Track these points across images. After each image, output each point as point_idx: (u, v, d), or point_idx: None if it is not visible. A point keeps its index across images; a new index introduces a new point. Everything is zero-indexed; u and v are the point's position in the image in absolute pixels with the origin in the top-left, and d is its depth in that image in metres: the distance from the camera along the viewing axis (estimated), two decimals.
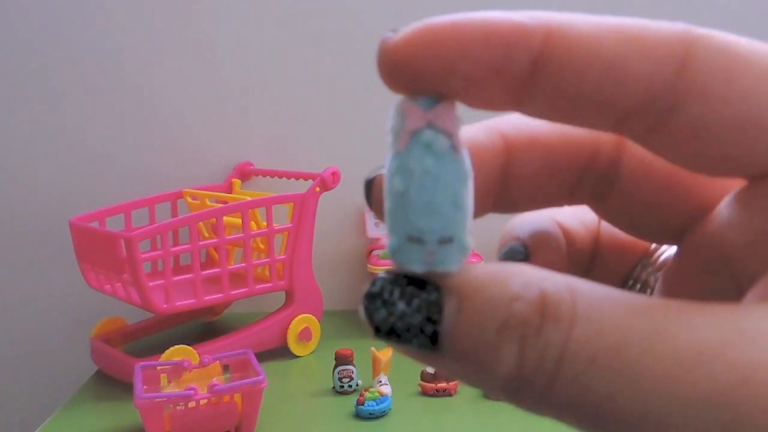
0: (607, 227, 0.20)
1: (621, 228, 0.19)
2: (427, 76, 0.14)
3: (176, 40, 1.08)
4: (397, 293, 0.14)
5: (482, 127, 0.18)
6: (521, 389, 0.13)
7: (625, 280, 0.20)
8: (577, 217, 0.20)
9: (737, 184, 0.16)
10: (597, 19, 0.14)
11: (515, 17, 0.14)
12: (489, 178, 0.18)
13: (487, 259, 0.87)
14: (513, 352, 0.13)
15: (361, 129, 1.10)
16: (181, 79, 1.09)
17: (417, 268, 0.14)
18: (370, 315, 0.14)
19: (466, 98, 0.15)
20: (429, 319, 0.14)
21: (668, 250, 0.20)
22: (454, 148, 0.14)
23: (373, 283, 0.14)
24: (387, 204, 0.15)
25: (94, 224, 0.91)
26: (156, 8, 1.07)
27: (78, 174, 1.09)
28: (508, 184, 0.18)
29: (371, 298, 0.14)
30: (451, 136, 0.14)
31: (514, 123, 0.18)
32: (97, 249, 0.84)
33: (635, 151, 0.18)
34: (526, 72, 0.14)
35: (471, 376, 0.14)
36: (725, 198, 0.17)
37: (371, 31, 1.08)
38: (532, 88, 0.14)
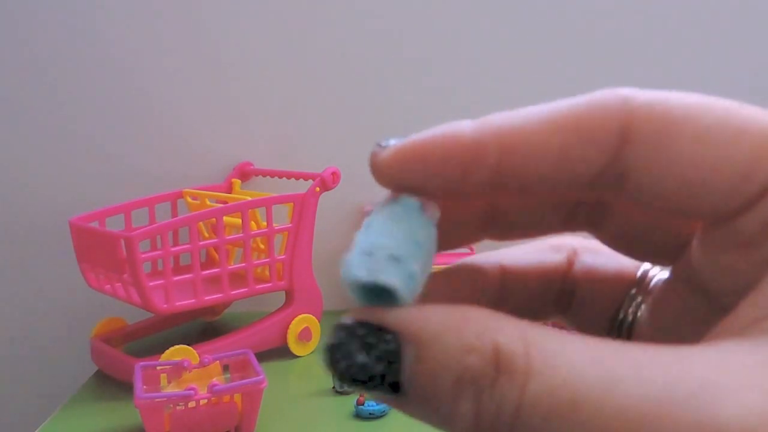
0: (586, 264, 0.21)
1: (620, 251, 0.20)
2: (407, 186, 0.17)
3: (176, 41, 1.08)
4: (356, 344, 0.14)
5: None
6: None
7: (612, 316, 0.21)
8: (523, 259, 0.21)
9: None
10: (542, 113, 0.16)
11: (470, 135, 0.16)
12: (475, 207, 0.19)
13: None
14: (469, 406, 0.13)
15: (361, 129, 1.10)
16: (181, 79, 1.09)
17: (361, 274, 0.15)
18: (333, 365, 0.15)
19: (445, 199, 0.17)
20: (389, 368, 0.14)
21: (655, 277, 0.20)
22: (425, 210, 0.16)
23: (333, 335, 0.15)
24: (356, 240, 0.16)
25: (94, 224, 0.91)
26: (156, 8, 1.07)
27: (78, 174, 1.09)
28: (497, 214, 0.20)
29: (332, 349, 0.15)
30: (424, 204, 0.16)
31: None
32: (97, 249, 0.84)
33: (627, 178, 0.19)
34: (486, 180, 0.16)
35: (433, 423, 0.14)
36: (697, 232, 0.18)
37: (371, 32, 1.08)
38: (495, 189, 0.16)
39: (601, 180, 0.16)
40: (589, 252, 0.21)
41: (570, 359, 0.13)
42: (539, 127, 0.16)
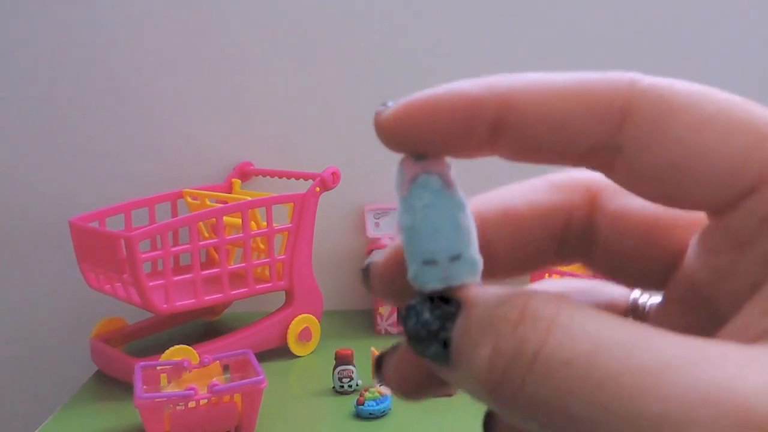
0: (582, 289, 0.21)
1: (611, 279, 0.21)
2: (411, 142, 0.18)
3: (176, 41, 1.08)
4: (427, 306, 0.16)
5: None
6: (497, 385, 0.14)
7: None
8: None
9: (702, 224, 0.17)
10: (547, 79, 0.17)
11: (473, 91, 0.17)
12: None
13: None
14: (487, 347, 0.14)
15: (361, 129, 1.10)
16: (182, 79, 1.09)
17: (435, 285, 0.17)
18: (403, 323, 0.16)
19: (447, 155, 0.18)
20: (444, 327, 0.16)
21: (647, 303, 0.20)
22: (447, 184, 0.17)
23: (411, 299, 0.17)
24: (402, 241, 0.17)
25: (94, 224, 0.91)
26: (157, 9, 1.07)
27: (78, 174, 1.09)
28: (487, 255, 0.20)
29: (407, 309, 0.16)
30: (442, 175, 0.17)
31: (485, 201, 0.20)
32: (97, 249, 0.84)
33: (608, 209, 0.20)
34: (487, 135, 0.17)
35: (466, 384, 0.15)
36: (692, 239, 0.18)
37: (371, 31, 1.08)
38: (496, 144, 0.17)
39: (596, 155, 0.17)
40: (575, 291, 0.21)
41: (595, 320, 0.14)
42: (541, 89, 0.16)
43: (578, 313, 0.14)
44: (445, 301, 0.16)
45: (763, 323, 0.14)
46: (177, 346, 0.80)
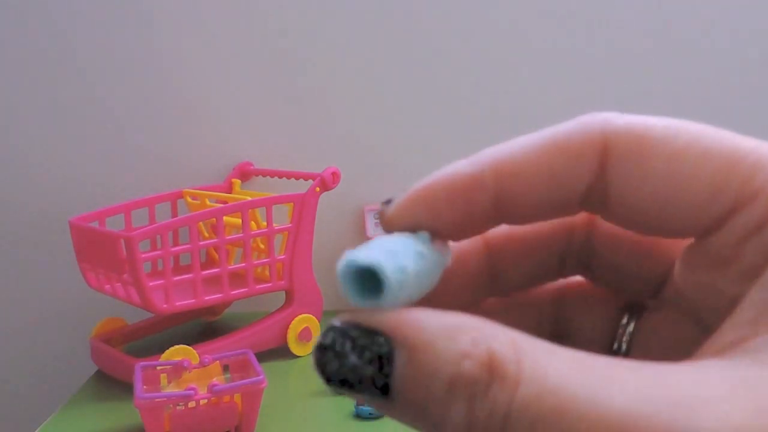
0: (575, 301, 0.22)
1: (609, 286, 0.21)
2: (419, 228, 0.18)
3: (176, 41, 1.08)
4: (348, 345, 0.15)
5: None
6: None
7: (608, 342, 0.21)
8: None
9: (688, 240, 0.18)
10: (527, 142, 0.17)
11: (468, 171, 0.17)
12: (474, 270, 0.21)
13: None
14: (462, 410, 0.14)
15: (361, 129, 1.10)
16: (181, 79, 1.09)
17: (356, 256, 0.15)
18: (321, 366, 0.15)
19: (457, 235, 0.18)
20: (380, 371, 0.14)
21: (646, 302, 0.21)
22: (432, 240, 0.17)
23: (325, 335, 0.15)
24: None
25: (94, 224, 0.91)
26: (155, 9, 1.07)
27: (78, 174, 1.09)
28: (495, 275, 0.21)
29: (322, 350, 0.15)
30: (432, 237, 0.17)
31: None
32: (97, 249, 0.84)
33: (603, 227, 0.21)
34: (490, 207, 0.18)
35: (421, 427, 0.15)
36: (679, 255, 0.19)
37: (371, 31, 1.08)
38: (500, 213, 0.18)
39: (589, 198, 0.18)
40: (576, 287, 0.22)
41: (557, 368, 0.14)
42: (529, 153, 0.17)
43: (539, 360, 0.14)
44: (368, 334, 0.14)
45: (733, 334, 0.15)
46: (177, 346, 0.80)
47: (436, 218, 0.18)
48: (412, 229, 0.18)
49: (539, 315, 0.22)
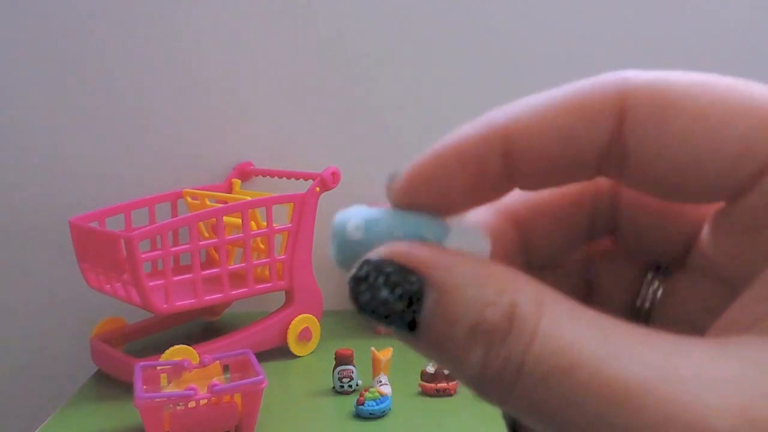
0: (603, 255, 0.21)
1: (636, 253, 0.21)
2: (430, 204, 0.17)
3: (176, 42, 1.08)
4: (381, 279, 0.15)
5: (492, 212, 0.20)
6: (483, 390, 0.15)
7: (631, 300, 0.21)
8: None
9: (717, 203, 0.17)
10: (540, 100, 0.16)
11: (475, 133, 0.17)
12: (511, 247, 0.20)
13: None
14: (479, 355, 0.14)
15: (361, 129, 1.10)
16: (181, 79, 1.09)
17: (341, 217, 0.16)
18: (355, 297, 0.16)
19: (469, 203, 0.18)
20: (409, 308, 0.15)
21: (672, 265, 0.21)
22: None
23: (360, 267, 0.15)
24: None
25: (94, 224, 0.91)
26: (156, 9, 1.07)
27: (78, 174, 1.09)
28: (530, 245, 0.20)
29: (357, 281, 0.15)
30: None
31: (518, 199, 0.20)
32: (97, 249, 0.84)
33: (629, 190, 0.19)
34: (500, 168, 0.17)
35: (442, 363, 0.15)
36: (707, 218, 0.18)
37: (370, 31, 1.08)
38: (511, 176, 0.17)
39: (606, 162, 0.16)
40: (605, 242, 0.21)
41: (575, 328, 0.14)
42: (539, 112, 0.16)
43: (557, 319, 0.14)
44: (401, 271, 0.15)
45: (756, 309, 0.15)
46: (177, 346, 0.80)
47: (447, 185, 0.17)
48: (422, 204, 0.17)
49: (566, 275, 0.21)
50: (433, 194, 0.17)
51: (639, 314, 0.20)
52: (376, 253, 0.16)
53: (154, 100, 1.09)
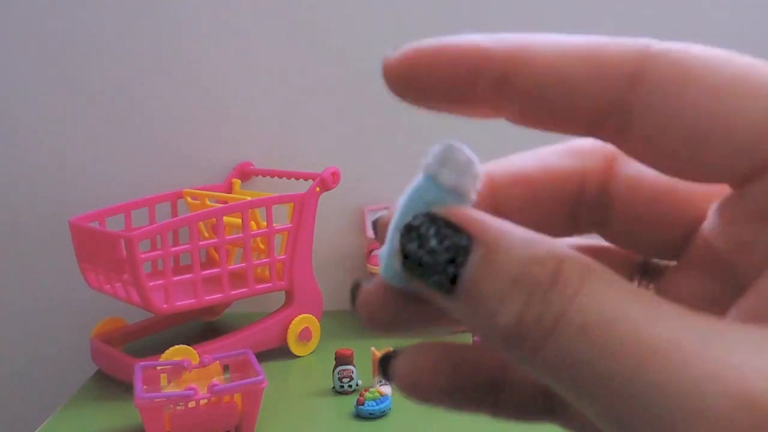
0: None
1: (626, 248, 0.20)
2: (415, 87, 0.17)
3: (175, 41, 1.08)
4: (432, 230, 0.15)
5: None
6: (516, 343, 0.14)
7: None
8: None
9: (722, 192, 0.17)
10: (558, 40, 0.16)
11: (482, 42, 0.16)
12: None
13: None
14: (517, 305, 0.14)
15: (361, 129, 1.10)
16: (181, 79, 1.09)
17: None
18: (403, 244, 0.16)
19: (451, 108, 0.17)
20: (453, 261, 0.15)
21: (661, 263, 0.20)
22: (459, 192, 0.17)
23: (415, 217, 0.16)
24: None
25: (94, 224, 0.91)
26: (157, 10, 1.07)
27: (78, 174, 1.09)
28: (506, 215, 0.19)
29: (409, 229, 0.16)
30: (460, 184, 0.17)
31: (497, 165, 0.20)
32: (97, 249, 0.84)
33: (624, 175, 0.19)
34: (492, 87, 0.16)
35: (475, 322, 0.15)
36: (711, 207, 0.17)
37: (370, 32, 1.08)
38: (502, 101, 0.16)
39: (607, 117, 0.16)
40: (585, 249, 0.20)
41: (619, 290, 0.14)
42: (550, 48, 0.16)
43: (603, 282, 0.14)
44: (452, 228, 0.15)
45: None
46: (177, 346, 0.80)
47: (433, 76, 0.16)
48: (409, 84, 0.17)
49: None
50: (419, 80, 0.17)
51: None
52: (433, 209, 0.16)
53: (154, 100, 1.09)
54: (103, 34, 1.07)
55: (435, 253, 0.15)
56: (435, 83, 0.17)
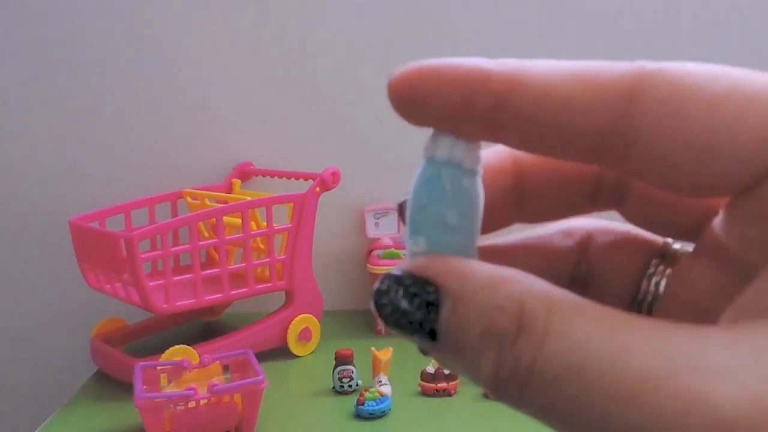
0: (601, 245, 0.21)
1: (642, 227, 0.20)
2: (414, 106, 0.17)
3: (175, 41, 1.08)
4: (401, 292, 0.16)
5: (492, 151, 0.20)
6: (500, 391, 0.15)
7: (632, 295, 0.20)
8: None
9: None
10: (555, 64, 0.16)
11: (482, 64, 0.16)
12: (503, 192, 0.20)
13: None
14: (491, 358, 0.15)
15: (361, 129, 1.10)
16: (182, 79, 1.08)
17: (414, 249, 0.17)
18: (378, 310, 0.16)
19: (448, 128, 0.17)
20: (429, 317, 0.15)
21: (678, 251, 0.20)
22: (463, 166, 0.17)
23: (382, 281, 0.16)
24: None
25: (94, 224, 0.91)
26: (156, 9, 1.07)
27: (78, 174, 1.09)
28: (525, 197, 0.20)
29: (379, 294, 0.16)
30: (462, 158, 0.17)
31: None
32: (97, 249, 0.84)
33: None
34: (489, 110, 0.16)
35: (463, 370, 0.16)
36: (723, 205, 0.17)
37: (370, 32, 1.08)
38: (499, 124, 0.16)
39: (607, 140, 0.16)
40: (604, 233, 0.21)
41: (585, 327, 0.14)
42: (548, 71, 0.16)
43: (568, 319, 0.14)
44: (419, 283, 0.16)
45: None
46: (177, 346, 0.80)
47: (432, 96, 0.17)
48: (408, 99, 0.17)
49: (564, 259, 0.21)
50: (419, 99, 0.17)
51: (640, 309, 0.20)
52: (396, 267, 0.16)
53: (154, 100, 1.09)
54: (104, 33, 1.07)
55: (408, 314, 0.16)
56: (432, 102, 0.17)
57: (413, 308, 0.15)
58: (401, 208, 0.19)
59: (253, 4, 1.07)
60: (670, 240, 0.20)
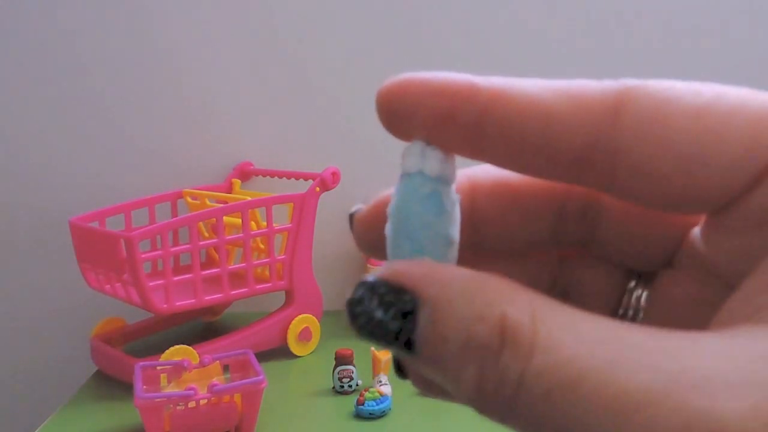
0: (580, 261, 0.20)
1: (615, 261, 0.20)
2: (399, 116, 0.17)
3: (177, 41, 1.08)
4: (375, 302, 0.15)
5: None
6: (483, 407, 0.14)
7: (613, 310, 0.20)
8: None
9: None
10: (540, 81, 0.16)
11: (468, 77, 0.16)
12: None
13: None
14: (473, 373, 0.14)
15: (361, 129, 1.10)
16: (182, 79, 1.08)
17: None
18: (352, 320, 0.15)
19: (431, 139, 0.17)
20: (405, 327, 0.14)
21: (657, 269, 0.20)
22: (441, 181, 0.17)
23: (356, 290, 0.15)
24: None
25: (94, 224, 0.91)
26: (156, 8, 1.07)
27: (78, 174, 1.09)
28: (477, 226, 0.19)
29: (352, 304, 0.15)
30: (440, 175, 0.17)
31: (483, 167, 0.19)
32: (97, 249, 0.84)
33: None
34: (473, 123, 0.16)
35: (442, 382, 0.15)
36: (702, 218, 0.17)
37: (370, 32, 1.08)
38: (483, 138, 0.16)
39: (594, 155, 0.16)
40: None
41: (576, 338, 0.13)
42: (532, 87, 0.16)
43: (556, 328, 0.13)
44: (395, 291, 0.15)
45: (758, 301, 0.14)
46: (177, 346, 0.80)
47: (416, 106, 0.16)
48: (397, 109, 0.17)
49: (540, 271, 0.20)
50: (404, 110, 0.17)
51: (623, 318, 0.20)
52: (371, 275, 0.15)
53: (154, 100, 1.09)
54: (104, 33, 1.07)
55: (383, 324, 0.15)
56: (422, 111, 0.17)
57: (388, 318, 0.14)
58: (353, 219, 0.19)
59: (253, 4, 1.07)
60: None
